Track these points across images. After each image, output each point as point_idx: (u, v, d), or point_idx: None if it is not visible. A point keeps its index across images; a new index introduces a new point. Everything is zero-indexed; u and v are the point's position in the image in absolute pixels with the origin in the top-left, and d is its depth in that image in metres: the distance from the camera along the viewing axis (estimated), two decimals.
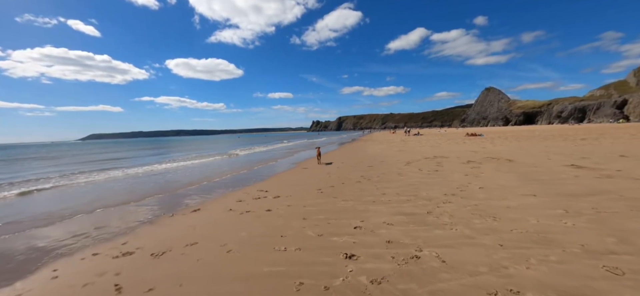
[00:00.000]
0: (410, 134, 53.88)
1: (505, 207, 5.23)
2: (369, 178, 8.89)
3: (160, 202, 7.30)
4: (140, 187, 9.67)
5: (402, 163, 12.26)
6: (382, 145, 27.23)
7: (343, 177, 9.29)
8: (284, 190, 7.74)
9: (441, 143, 25.17)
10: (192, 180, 10.37)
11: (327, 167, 12.15)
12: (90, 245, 4.49)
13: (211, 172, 12.42)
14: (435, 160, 12.52)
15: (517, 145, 18.85)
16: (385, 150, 19.76)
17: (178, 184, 9.83)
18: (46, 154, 37.92)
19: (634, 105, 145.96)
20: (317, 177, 9.55)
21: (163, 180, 10.77)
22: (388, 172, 9.95)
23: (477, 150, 16.89)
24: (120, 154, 30.88)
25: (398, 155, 15.62)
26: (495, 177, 8.10)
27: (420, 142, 29.01)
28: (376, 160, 13.71)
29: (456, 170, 9.57)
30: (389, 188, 7.27)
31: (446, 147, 19.92)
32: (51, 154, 37.23)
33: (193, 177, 11.31)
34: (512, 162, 11.14)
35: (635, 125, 61.98)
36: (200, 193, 7.98)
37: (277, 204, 6.22)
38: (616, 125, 64.45)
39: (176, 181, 10.54)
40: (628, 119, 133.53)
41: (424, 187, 7.25)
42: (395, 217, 4.94)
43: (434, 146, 21.76)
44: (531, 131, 47.18)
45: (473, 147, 19.40)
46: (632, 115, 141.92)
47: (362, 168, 11.14)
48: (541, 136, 28.78)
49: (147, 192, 8.67)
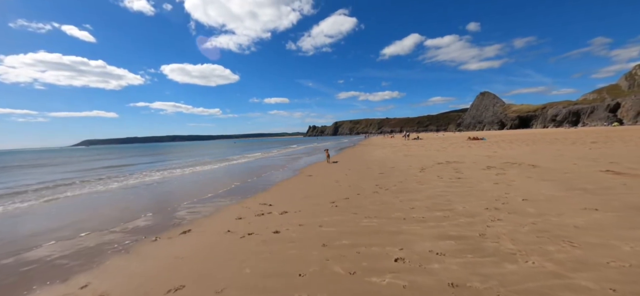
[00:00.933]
0: (409, 138, 53.10)
1: (573, 227, 4.20)
2: (385, 187, 7.83)
3: (144, 219, 6.14)
4: (124, 201, 8.48)
5: (416, 169, 11.23)
6: (384, 149, 26.25)
7: (356, 186, 8.21)
8: (291, 203, 6.63)
9: (446, 147, 24.26)
10: (184, 192, 9.21)
11: (335, 174, 11.06)
12: (35, 290, 3.33)
13: (206, 181, 11.26)
14: (451, 166, 11.52)
15: (528, 149, 17.98)
16: (390, 155, 18.76)
17: (168, 196, 8.66)
18: (34, 161, 36.22)
19: (626, 108, 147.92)
20: (326, 187, 8.46)
21: (151, 192, 9.56)
22: (405, 180, 8.90)
23: (490, 154, 15.96)
24: (110, 162, 29.43)
25: (407, 161, 14.61)
26: (530, 186, 7.09)
27: (423, 146, 28.11)
28: (385, 166, 12.67)
29: (481, 178, 8.55)
30: (415, 200, 6.21)
31: (454, 152, 18.98)
32: (39, 161, 35.54)
33: (185, 187, 10.14)
34: (537, 167, 10.17)
35: (633, 128, 62.08)
36: (192, 208, 6.84)
37: (286, 223, 5.11)
38: (614, 128, 64.54)
39: (166, 193, 9.35)
40: (621, 122, 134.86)
41: (455, 198, 6.20)
42: (441, 242, 3.87)
43: (441, 150, 20.81)
44: (532, 134, 46.72)
45: (483, 151, 18.48)
46: (625, 118, 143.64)
47: (374, 176, 10.08)
48: (546, 140, 28.06)
49: (130, 206, 7.50)
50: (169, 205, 7.32)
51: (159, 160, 26.06)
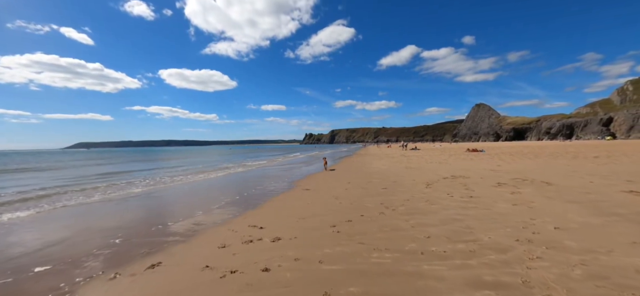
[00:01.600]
0: (407, 148, 52.57)
1: (635, 271, 3.39)
2: (392, 207, 6.98)
3: (109, 245, 5.18)
4: (93, 218, 7.49)
5: (421, 184, 10.42)
6: (383, 160, 25.49)
7: (358, 205, 7.34)
8: (286, 225, 5.73)
9: (447, 159, 23.58)
10: (166, 209, 8.19)
11: (334, 189, 10.19)
12: None
13: (192, 195, 10.26)
14: (459, 181, 10.73)
15: (532, 163, 17.34)
16: (391, 167, 17.97)
17: (146, 214, 7.66)
18: (20, 165, 34.75)
19: (619, 122, 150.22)
20: (325, 205, 7.57)
21: (128, 208, 8.52)
22: (411, 197, 8.06)
23: (494, 168, 15.25)
24: (97, 168, 28.20)
25: (410, 174, 13.81)
26: (555, 208, 6.31)
27: (422, 157, 27.42)
28: (388, 180, 11.84)
29: (495, 197, 7.75)
30: (428, 225, 5.36)
31: (457, 165, 18.26)
32: (24, 165, 34.10)
33: (168, 203, 9.10)
34: (551, 185, 9.43)
35: (630, 142, 62.38)
36: (170, 230, 5.90)
37: (279, 255, 4.21)
38: (609, 142, 64.85)
39: (145, 209, 8.36)
40: (614, 136, 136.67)
41: (474, 223, 5.37)
42: (476, 294, 3.02)
43: (442, 163, 20.10)
44: (530, 147, 46.42)
45: (486, 164, 17.80)
46: (618, 132, 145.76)
47: (377, 191, 9.23)
48: (546, 153, 27.57)
49: (97, 226, 6.53)
50: (144, 225, 6.35)
51: (148, 168, 24.94)
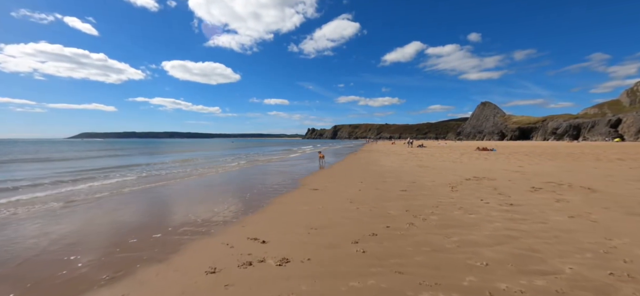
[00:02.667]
0: (413, 146, 51.23)
1: None
2: (420, 214, 5.80)
3: (67, 269, 4.06)
4: (64, 226, 6.39)
5: (444, 186, 9.22)
6: (391, 157, 24.26)
7: (379, 211, 6.17)
8: (294, 240, 4.57)
9: (459, 158, 22.30)
10: (154, 213, 6.96)
11: (346, 190, 9.02)
12: None
13: (187, 194, 9.07)
14: (486, 184, 9.52)
15: (555, 164, 16.04)
16: (402, 165, 16.74)
17: (129, 219, 6.48)
18: (16, 155, 33.91)
19: (627, 124, 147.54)
20: (339, 210, 6.40)
21: (109, 212, 7.39)
22: (439, 203, 6.87)
23: (516, 170, 14.00)
24: (96, 161, 27.27)
25: (425, 173, 12.59)
26: (624, 224, 5.09)
27: (432, 155, 26.16)
28: (403, 179, 10.65)
29: (540, 205, 6.54)
30: (478, 245, 4.17)
31: (473, 164, 16.99)
32: (20, 156, 33.26)
33: (158, 205, 7.89)
34: (596, 191, 8.18)
35: (638, 144, 60.59)
36: (145, 242, 4.74)
37: (287, 289, 3.05)
38: (620, 144, 63.05)
39: (130, 214, 7.22)
40: (622, 138, 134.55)
41: (538, 244, 4.17)
42: None
43: (456, 162, 18.84)
44: (540, 147, 44.85)
45: (505, 164, 16.52)
46: (627, 134, 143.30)
47: (395, 193, 8.05)
48: (563, 154, 26.17)
49: (62, 240, 5.42)
50: (117, 235, 5.20)
51: (146, 162, 23.92)
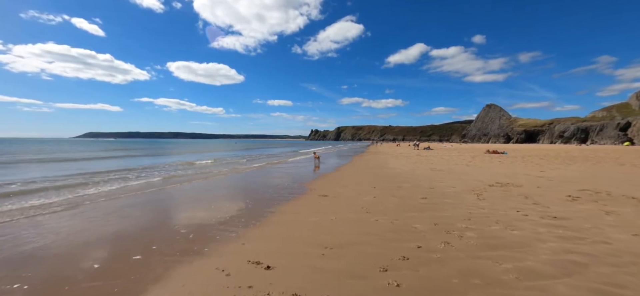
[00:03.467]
0: (419, 148, 50.11)
1: None
2: (453, 230, 4.86)
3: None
4: (22, 245, 5.56)
5: (467, 193, 8.26)
6: (399, 159, 23.27)
7: (402, 224, 5.24)
8: (305, 265, 3.66)
9: (472, 161, 21.25)
10: (135, 223, 6.06)
11: (360, 197, 8.10)
12: None
13: (180, 200, 8.03)
14: (514, 192, 8.53)
15: (578, 169, 14.95)
16: (414, 168, 15.76)
17: (110, 237, 5.66)
18: (16, 156, 33.49)
19: (637, 127, 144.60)
20: (356, 223, 5.49)
21: (105, 220, 6.57)
22: (470, 215, 5.92)
23: (538, 174, 12.97)
24: (94, 164, 26.68)
25: (442, 178, 11.62)
26: None
27: (442, 158, 25.11)
28: (420, 185, 9.69)
29: (592, 219, 5.55)
30: (544, 277, 3.22)
31: (489, 168, 15.95)
32: (20, 156, 32.84)
33: (144, 213, 6.96)
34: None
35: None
36: (130, 266, 3.88)
37: None
38: (631, 148, 61.25)
39: (126, 221, 6.40)
40: (632, 142, 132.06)
41: (620, 276, 3.22)
42: None
43: (470, 165, 17.82)
44: (553, 150, 43.40)
45: (524, 168, 15.47)
46: (636, 138, 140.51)
47: (416, 202, 7.11)
48: (581, 157, 24.93)
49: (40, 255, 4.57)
50: (97, 250, 4.34)
51: (151, 163, 23.23)
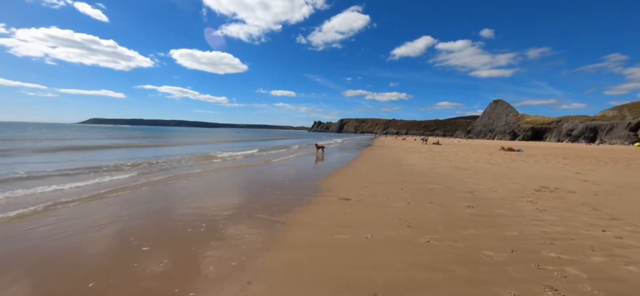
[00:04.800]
0: (428, 143, 48.49)
1: None
2: (548, 265, 3.45)
3: None
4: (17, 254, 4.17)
5: (516, 199, 6.83)
6: (412, 154, 21.77)
7: (466, 250, 3.85)
8: None
9: (492, 159, 19.72)
10: (130, 236, 4.81)
11: (389, 202, 6.69)
12: None
13: (168, 208, 6.71)
14: (571, 199, 7.08)
15: (615, 170, 13.42)
16: (434, 165, 14.27)
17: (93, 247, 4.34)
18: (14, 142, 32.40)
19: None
20: (400, 245, 4.10)
21: (82, 228, 5.24)
22: (548, 236, 4.49)
23: (582, 178, 11.49)
24: (88, 157, 25.53)
25: (474, 179, 10.16)
26: None
27: (457, 154, 23.59)
28: (454, 188, 8.25)
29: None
30: None
31: (519, 168, 14.43)
32: (16, 144, 31.77)
33: (138, 221, 5.71)
34: None
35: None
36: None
37: None
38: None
39: (108, 227, 5.07)
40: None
41: None
42: None
43: (494, 164, 16.31)
44: (572, 148, 41.56)
45: (557, 169, 13.95)
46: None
47: (463, 212, 5.71)
48: (606, 157, 23.23)
49: None
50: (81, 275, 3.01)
51: (150, 152, 21.97)
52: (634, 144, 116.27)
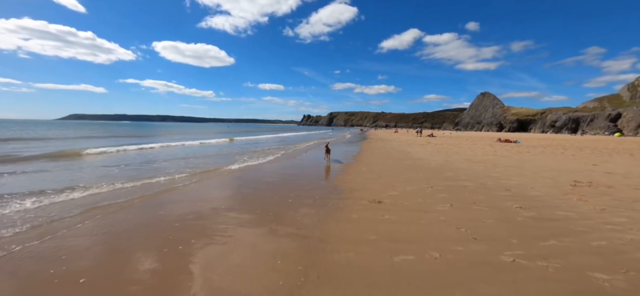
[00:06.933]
0: (422, 135, 48.30)
1: None
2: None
3: None
4: None
5: (560, 195, 6.13)
6: (415, 147, 21.11)
7: (562, 267, 3.04)
8: None
9: (499, 151, 19.30)
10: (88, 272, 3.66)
11: (424, 198, 5.84)
12: None
13: (160, 224, 5.50)
14: (616, 195, 6.43)
15: (625, 162, 13.13)
16: (447, 159, 13.57)
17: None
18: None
19: (627, 119, 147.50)
20: (472, 262, 3.23)
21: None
22: (626, 249, 3.76)
23: (603, 170, 11.04)
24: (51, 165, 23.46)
25: (494, 172, 9.47)
26: None
27: (459, 146, 23.13)
28: (485, 185, 7.49)
29: None
30: None
31: (531, 160, 13.93)
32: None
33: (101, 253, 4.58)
34: None
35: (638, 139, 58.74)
36: None
37: None
38: (624, 139, 61.21)
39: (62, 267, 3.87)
40: (622, 133, 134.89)
41: None
42: None
43: (504, 156, 15.82)
44: (567, 141, 42.20)
45: (564, 161, 13.53)
46: (626, 129, 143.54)
47: (518, 215, 4.91)
48: (601, 148, 23.35)
49: None
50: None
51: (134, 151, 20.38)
52: (613, 134, 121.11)
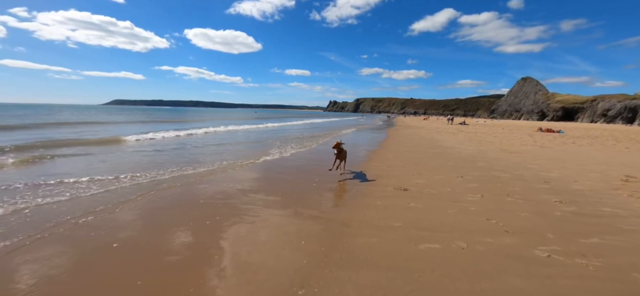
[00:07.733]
0: (454, 123, 46.05)
1: None
2: None
3: None
4: None
5: (611, 191, 5.59)
6: (445, 135, 20.21)
7: (604, 266, 2.82)
8: None
9: (539, 141, 17.93)
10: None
11: (453, 188, 5.63)
12: None
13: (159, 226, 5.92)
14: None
15: None
16: (479, 148, 12.85)
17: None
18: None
19: None
20: (504, 254, 3.10)
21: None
22: None
23: (637, 163, 9.86)
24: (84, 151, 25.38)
25: (532, 164, 8.82)
26: None
27: (494, 135, 21.76)
28: (521, 177, 7.01)
29: None
30: None
31: (574, 151, 12.77)
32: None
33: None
34: None
35: None
36: None
37: None
38: None
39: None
40: None
41: None
42: None
43: (545, 147, 14.67)
44: (620, 131, 37.91)
45: (617, 153, 12.23)
46: None
47: (559, 210, 4.54)
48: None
49: None
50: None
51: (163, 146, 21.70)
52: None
